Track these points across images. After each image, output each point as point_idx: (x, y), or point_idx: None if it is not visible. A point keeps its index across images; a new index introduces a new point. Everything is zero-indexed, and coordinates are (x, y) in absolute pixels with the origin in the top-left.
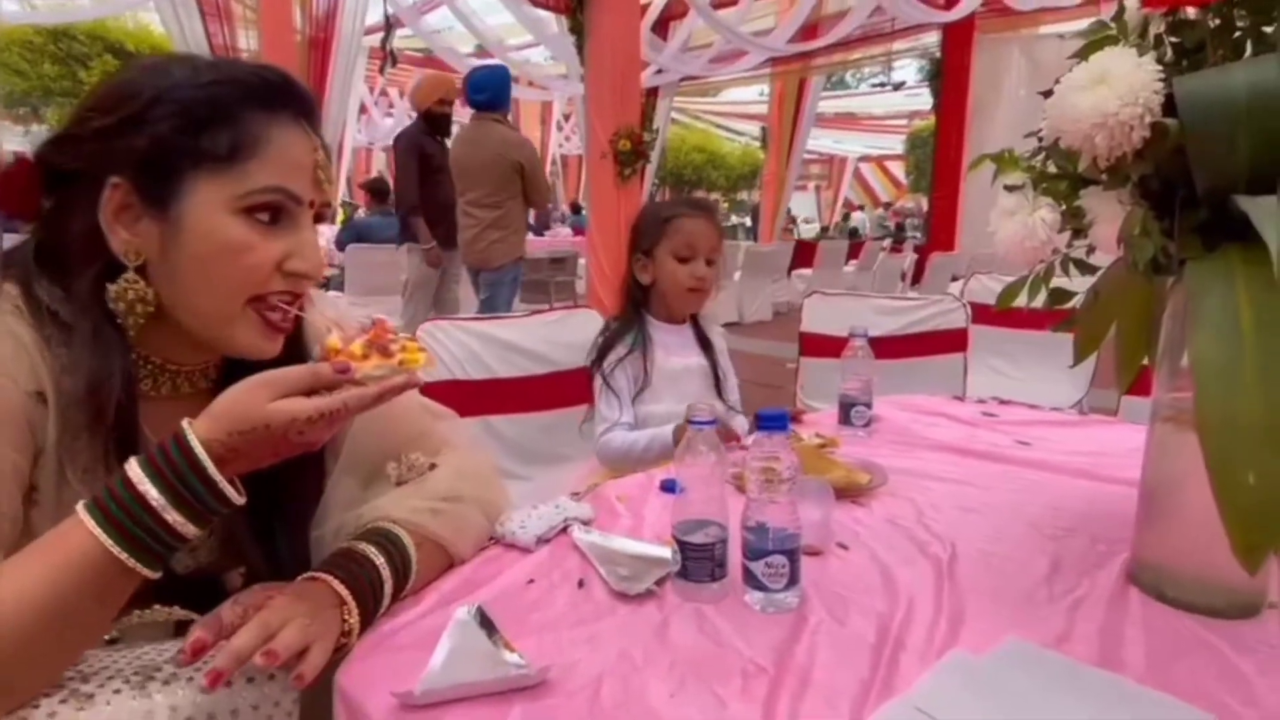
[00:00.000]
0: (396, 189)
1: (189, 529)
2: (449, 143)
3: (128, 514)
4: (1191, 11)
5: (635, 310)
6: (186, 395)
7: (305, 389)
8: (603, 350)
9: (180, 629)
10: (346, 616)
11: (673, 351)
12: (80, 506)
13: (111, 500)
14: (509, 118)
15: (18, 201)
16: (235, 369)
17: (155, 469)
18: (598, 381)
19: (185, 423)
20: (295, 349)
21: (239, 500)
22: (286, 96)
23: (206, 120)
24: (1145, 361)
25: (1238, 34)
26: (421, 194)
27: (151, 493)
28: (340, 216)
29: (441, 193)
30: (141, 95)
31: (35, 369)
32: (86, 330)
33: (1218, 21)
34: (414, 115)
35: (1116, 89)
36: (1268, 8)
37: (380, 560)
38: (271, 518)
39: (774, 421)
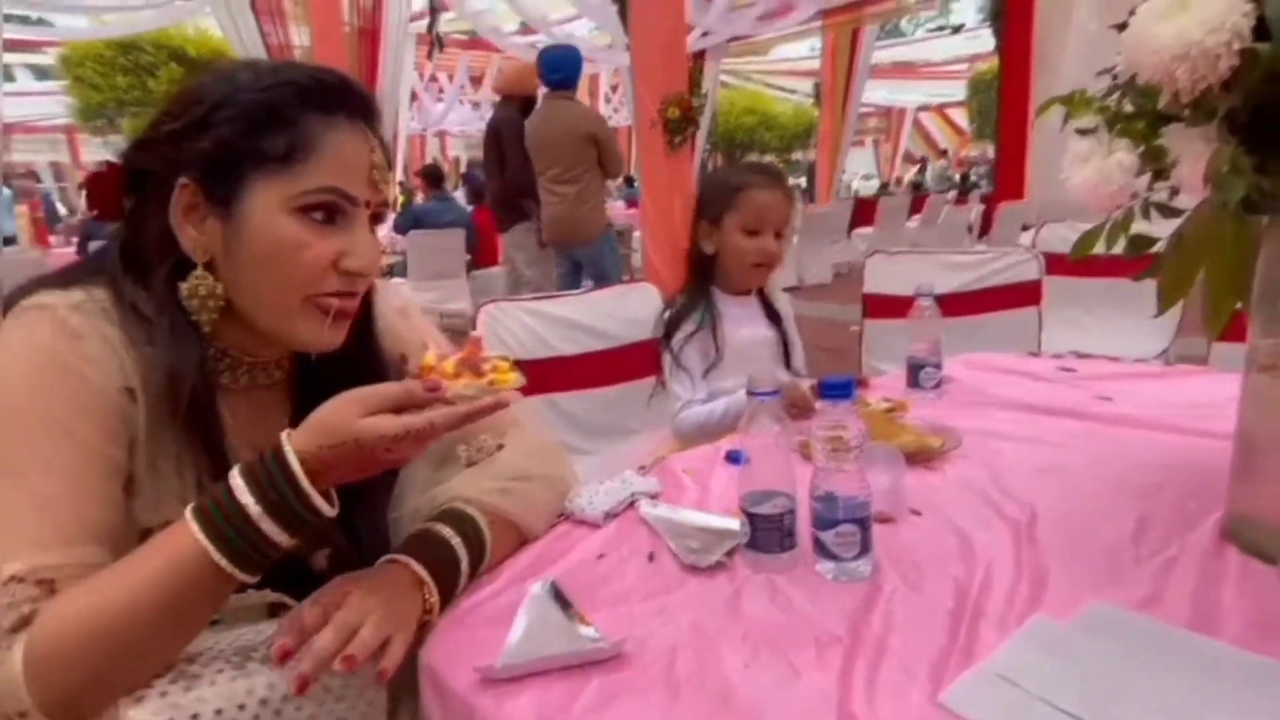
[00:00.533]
0: (508, 173)
1: (284, 538)
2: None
3: (229, 522)
4: None
5: (701, 282)
6: (264, 386)
7: (396, 406)
8: (670, 326)
9: (274, 610)
10: (427, 596)
11: (741, 324)
12: (187, 512)
13: (216, 508)
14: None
15: (105, 203)
16: (308, 361)
17: (254, 479)
18: (667, 359)
19: (285, 435)
20: (367, 341)
21: (330, 512)
22: (342, 98)
23: (266, 123)
24: (1238, 306)
25: None
26: (526, 176)
27: (250, 503)
28: (400, 200)
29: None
30: (207, 100)
31: (124, 367)
32: (165, 326)
33: None
34: (481, 101)
35: (1200, 14)
36: None
37: (456, 540)
38: (352, 503)
39: (838, 389)
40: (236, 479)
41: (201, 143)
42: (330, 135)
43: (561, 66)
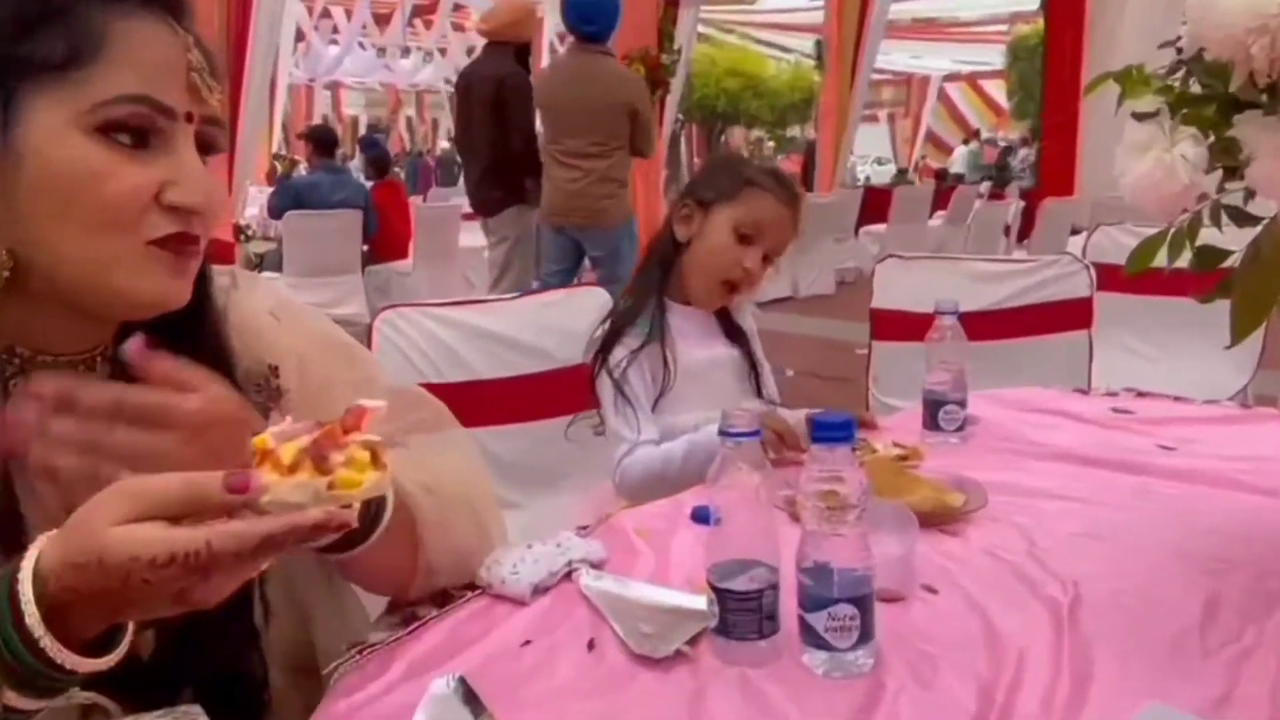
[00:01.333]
0: (514, 142)
1: (32, 705)
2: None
3: None
4: None
5: (656, 278)
6: None
7: (177, 511)
8: (608, 340)
9: (87, 713)
10: None
11: (693, 342)
12: None
13: None
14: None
15: None
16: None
17: None
18: (604, 385)
19: (44, 536)
20: (209, 345)
21: (92, 665)
22: None
23: (35, 20)
24: None
25: None
26: (533, 147)
27: None
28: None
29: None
30: None
31: None
32: None
33: None
34: (388, 46)
35: None
36: None
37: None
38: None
39: (835, 430)
40: None
41: None
42: (123, 26)
43: (596, 15)
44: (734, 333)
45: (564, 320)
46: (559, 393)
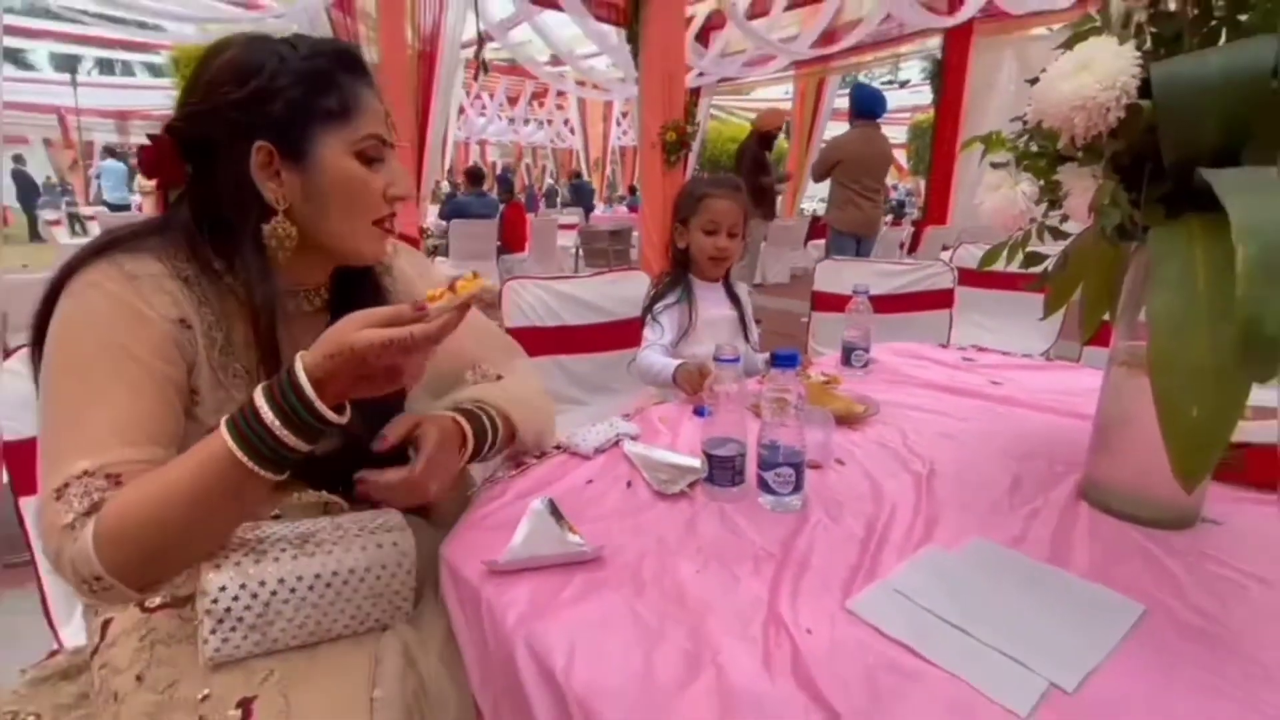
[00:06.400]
0: (746, 181)
1: (299, 443)
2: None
3: (253, 431)
4: (1172, 3)
5: (680, 269)
6: (308, 312)
7: (386, 322)
8: (653, 300)
9: (327, 508)
10: (463, 453)
11: (709, 304)
12: (223, 422)
13: (243, 419)
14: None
15: (167, 171)
16: (342, 288)
17: (272, 395)
18: (648, 322)
19: (299, 355)
20: (381, 283)
21: (336, 419)
22: (359, 63)
23: (320, 87)
24: (1106, 317)
25: (1214, 22)
26: (752, 184)
27: (268, 414)
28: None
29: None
30: (264, 70)
31: (177, 302)
32: (252, 267)
33: (1196, 11)
34: (515, 117)
35: (1097, 74)
36: None
37: (485, 419)
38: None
39: (786, 360)
40: (259, 395)
41: (272, 107)
42: (363, 91)
43: (876, 105)
44: (734, 300)
45: (619, 291)
46: (614, 336)
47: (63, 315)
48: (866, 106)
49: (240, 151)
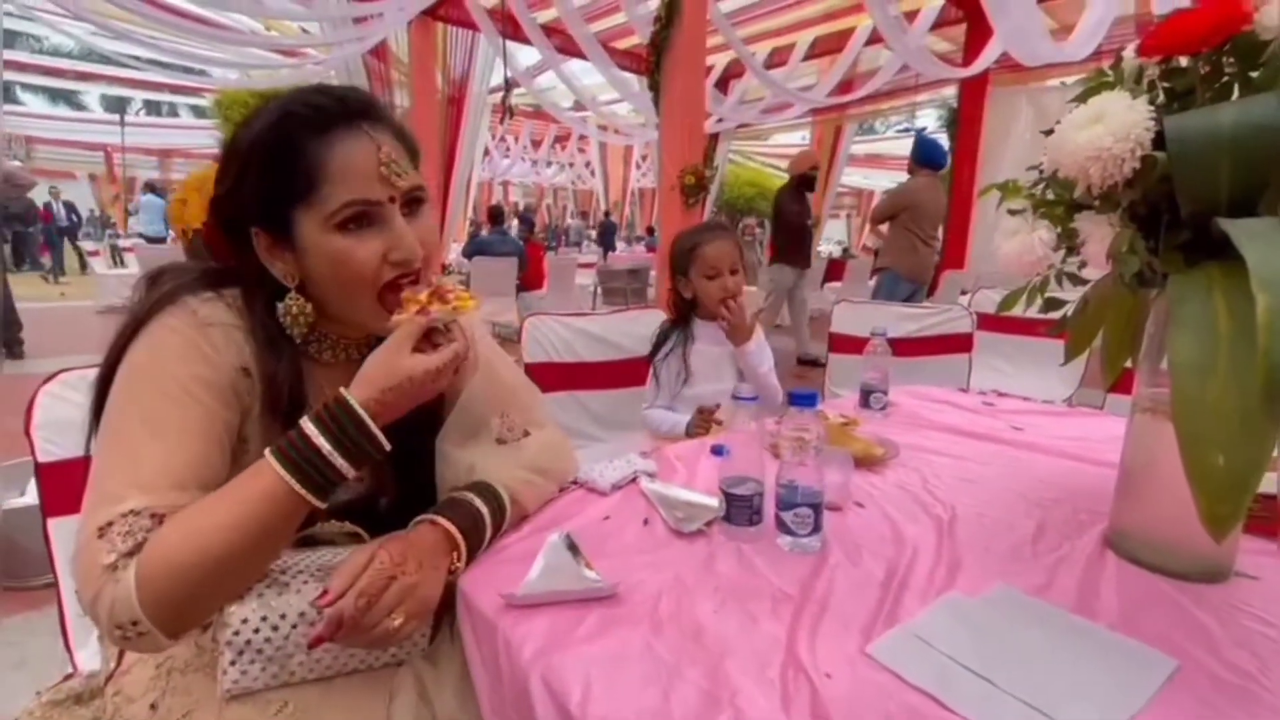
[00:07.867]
0: (782, 224)
1: (348, 468)
2: (884, 190)
3: (303, 457)
4: (1184, 59)
5: (681, 316)
6: (355, 360)
7: (418, 337)
8: (657, 344)
9: (350, 538)
10: (455, 559)
11: (714, 342)
12: (268, 452)
13: (292, 448)
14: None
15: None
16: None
17: (324, 424)
18: (650, 371)
19: (343, 390)
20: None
21: (388, 446)
22: (333, 114)
23: (281, 163)
24: (1128, 364)
25: (1225, 79)
26: (788, 229)
27: (322, 443)
28: (469, 231)
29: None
30: (239, 153)
31: (242, 351)
32: (262, 339)
33: (1208, 68)
34: (538, 159)
35: (1111, 126)
36: (1255, 55)
37: (485, 512)
38: (404, 460)
39: (805, 399)
40: (309, 425)
41: (247, 197)
42: (330, 153)
43: (939, 156)
44: None
45: (635, 329)
46: (631, 373)
47: (136, 353)
48: (930, 156)
49: (248, 235)
